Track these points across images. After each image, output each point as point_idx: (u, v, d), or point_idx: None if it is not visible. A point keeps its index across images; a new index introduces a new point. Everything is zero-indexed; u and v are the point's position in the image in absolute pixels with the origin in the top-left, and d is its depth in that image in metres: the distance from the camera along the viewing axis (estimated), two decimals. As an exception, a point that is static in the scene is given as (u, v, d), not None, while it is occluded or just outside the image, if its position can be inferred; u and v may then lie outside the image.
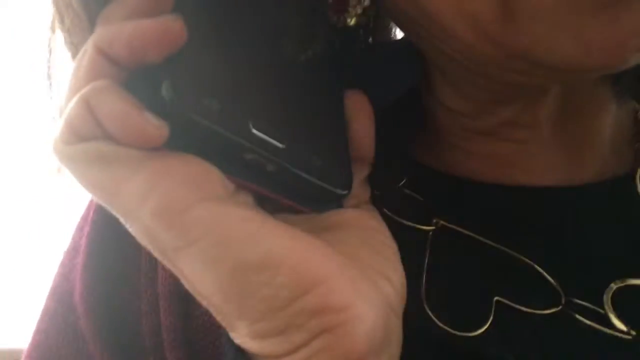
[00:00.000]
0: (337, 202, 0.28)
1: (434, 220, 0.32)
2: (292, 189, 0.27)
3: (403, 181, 0.34)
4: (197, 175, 0.23)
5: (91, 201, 0.37)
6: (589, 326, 0.29)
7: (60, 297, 0.35)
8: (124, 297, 0.33)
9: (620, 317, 0.29)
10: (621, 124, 0.34)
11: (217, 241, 0.22)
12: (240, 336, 0.24)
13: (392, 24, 0.38)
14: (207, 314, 0.31)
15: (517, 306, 0.30)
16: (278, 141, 0.25)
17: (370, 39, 0.37)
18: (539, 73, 0.26)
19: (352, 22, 0.31)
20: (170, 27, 0.23)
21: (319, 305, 0.23)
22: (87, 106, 0.23)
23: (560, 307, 0.30)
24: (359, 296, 0.23)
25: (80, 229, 0.36)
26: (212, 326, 0.31)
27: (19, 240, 1.16)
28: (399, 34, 0.39)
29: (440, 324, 0.30)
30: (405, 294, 0.26)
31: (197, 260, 0.23)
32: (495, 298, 0.30)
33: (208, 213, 0.23)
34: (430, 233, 0.32)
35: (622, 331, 0.29)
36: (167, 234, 0.22)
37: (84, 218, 0.36)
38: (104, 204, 0.24)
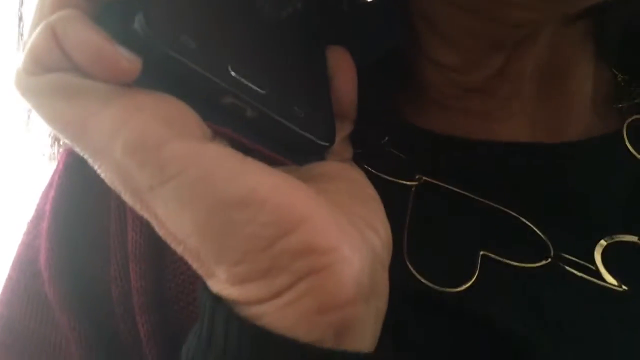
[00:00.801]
0: (318, 154, 0.27)
1: (417, 176, 0.31)
2: (272, 139, 0.25)
3: (385, 138, 0.33)
4: (173, 113, 0.22)
5: (57, 167, 0.35)
6: (580, 279, 0.29)
7: (23, 266, 0.33)
8: (91, 261, 0.32)
9: (611, 273, 0.29)
10: (602, 86, 0.34)
11: (195, 178, 0.21)
12: (219, 283, 0.22)
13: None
14: (181, 274, 0.30)
15: (504, 260, 0.29)
16: (258, 87, 0.24)
17: None
18: (539, 4, 0.25)
19: None
20: None
21: (304, 245, 0.21)
22: (53, 35, 0.21)
23: (549, 261, 0.29)
24: (345, 239, 0.22)
25: (45, 195, 0.35)
26: (187, 288, 0.30)
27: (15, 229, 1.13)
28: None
29: (423, 280, 0.29)
30: (391, 246, 0.25)
31: (173, 199, 0.21)
32: (481, 252, 0.29)
33: (185, 149, 0.21)
34: (413, 188, 0.31)
35: (613, 285, 0.28)
36: (140, 171, 0.21)
37: (49, 184, 0.35)
38: (71, 141, 0.22)
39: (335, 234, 0.22)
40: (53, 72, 0.21)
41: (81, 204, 0.33)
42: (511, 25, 0.28)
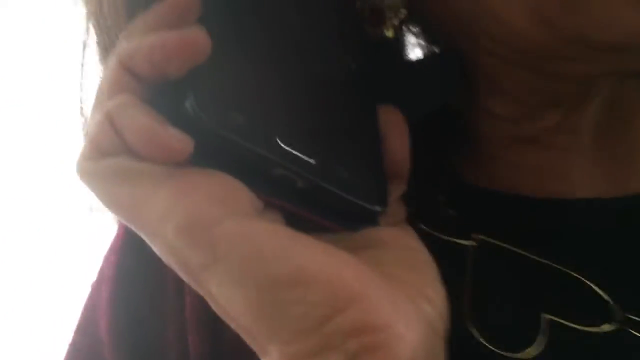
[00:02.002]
0: (372, 220, 0.27)
1: (473, 235, 0.31)
2: (324, 207, 0.25)
3: (440, 196, 0.32)
4: (223, 191, 0.22)
5: (118, 232, 0.36)
6: None
7: (85, 329, 0.34)
8: (150, 326, 0.32)
9: None
10: None
11: (246, 257, 0.21)
12: (272, 359, 0.22)
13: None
14: (237, 339, 0.30)
15: (569, 323, 0.28)
16: (308, 156, 0.24)
17: (405, 53, 0.35)
18: (596, 58, 0.24)
19: (389, 34, 0.30)
20: (193, 39, 0.22)
21: (356, 324, 0.21)
22: (110, 121, 0.22)
23: (617, 324, 0.28)
24: (398, 315, 0.22)
25: (106, 259, 0.36)
26: (243, 352, 0.30)
27: (54, 277, 1.17)
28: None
29: (486, 344, 0.28)
30: (447, 314, 0.25)
31: (224, 278, 0.21)
32: (545, 315, 0.28)
33: (235, 228, 0.21)
34: (471, 248, 0.30)
35: None
36: (192, 252, 0.21)
37: (111, 249, 0.36)
38: (127, 223, 0.23)
39: (388, 311, 0.22)
40: (110, 156, 0.22)
41: (141, 269, 0.33)
42: (569, 80, 0.28)
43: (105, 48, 0.29)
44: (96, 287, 0.35)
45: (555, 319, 0.28)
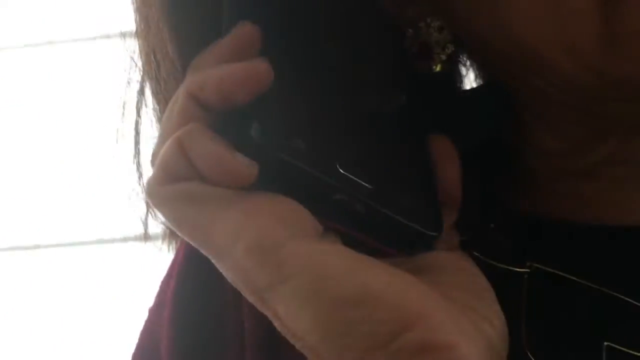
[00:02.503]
0: (427, 245, 0.27)
1: (528, 264, 0.31)
2: (380, 231, 0.26)
3: (491, 224, 0.32)
4: (288, 213, 0.23)
5: (176, 257, 0.37)
6: None
7: (146, 353, 0.35)
8: (210, 351, 0.33)
9: None
10: None
11: (313, 277, 0.22)
12: None
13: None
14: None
15: (631, 351, 0.28)
16: (366, 182, 0.25)
17: (454, 86, 0.36)
18: None
19: (437, 68, 0.31)
20: (258, 70, 0.24)
21: (422, 342, 0.21)
22: (181, 148, 0.23)
23: None
24: (463, 336, 0.22)
25: (165, 284, 0.37)
26: None
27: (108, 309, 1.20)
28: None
29: None
30: (507, 339, 0.25)
31: (292, 297, 0.22)
32: (606, 343, 0.28)
33: (302, 249, 0.22)
34: (525, 275, 0.31)
35: None
36: (260, 271, 0.22)
37: (169, 274, 0.37)
38: (196, 244, 0.24)
39: (453, 330, 0.22)
40: (181, 181, 0.24)
41: (200, 295, 0.34)
42: (616, 117, 0.28)
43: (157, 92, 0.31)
44: (155, 311, 0.36)
45: (616, 346, 0.28)
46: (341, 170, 0.25)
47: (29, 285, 1.39)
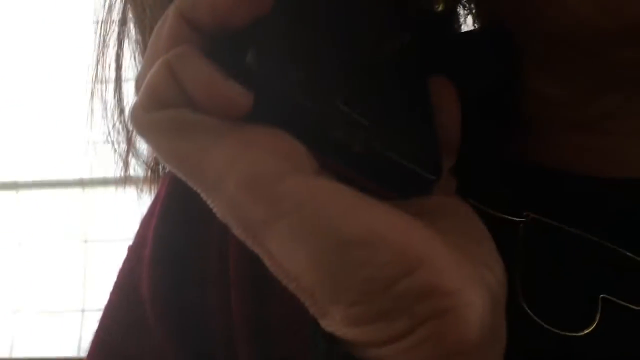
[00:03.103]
0: (424, 189, 0.26)
1: (525, 213, 0.30)
2: (378, 173, 0.25)
3: (489, 171, 0.31)
4: (286, 147, 0.22)
5: (158, 195, 0.36)
6: None
7: (125, 292, 0.34)
8: (192, 289, 0.32)
9: None
10: None
11: (312, 214, 0.20)
12: (334, 323, 0.21)
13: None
14: (285, 302, 0.29)
15: (624, 303, 0.27)
16: (366, 121, 0.24)
17: (455, 27, 0.35)
18: None
19: (439, 7, 0.29)
20: None
21: (426, 286, 0.20)
22: (170, 71, 0.22)
23: None
24: (466, 281, 0.21)
25: (146, 222, 0.35)
26: (293, 316, 0.29)
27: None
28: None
29: (539, 321, 0.27)
30: (506, 287, 0.24)
31: (288, 235, 0.21)
32: (602, 295, 0.27)
33: (300, 185, 0.21)
34: (521, 225, 0.30)
35: None
36: (255, 207, 0.21)
37: (150, 212, 0.35)
38: (183, 176, 0.22)
39: (457, 275, 0.21)
40: (169, 108, 0.22)
41: (182, 233, 0.33)
42: (633, 65, 0.27)
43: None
44: (135, 250, 0.35)
45: (611, 298, 0.27)
46: (341, 106, 0.23)
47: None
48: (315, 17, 0.26)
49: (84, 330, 1.46)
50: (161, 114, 0.22)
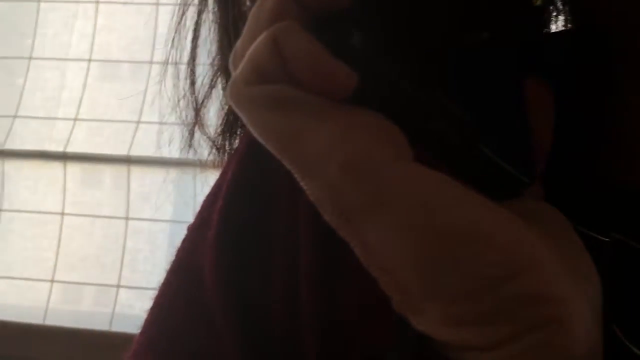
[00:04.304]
0: (516, 192, 0.25)
1: (611, 234, 0.29)
2: (471, 170, 0.24)
3: (575, 188, 0.30)
4: (388, 133, 0.21)
5: (222, 177, 0.35)
6: None
7: (184, 272, 0.34)
8: (256, 274, 0.31)
9: None
10: None
11: (418, 205, 0.19)
12: (428, 321, 0.20)
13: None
14: (361, 296, 0.28)
15: None
16: (465, 114, 0.23)
17: (556, 24, 0.33)
18: None
19: (537, 1, 0.28)
20: None
21: (535, 291, 0.19)
22: (275, 46, 0.21)
23: None
24: (574, 290, 0.20)
25: (209, 204, 0.35)
26: (370, 310, 0.28)
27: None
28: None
29: (629, 345, 0.26)
30: (602, 302, 0.23)
31: (389, 225, 0.20)
32: None
33: (406, 172, 0.20)
34: (607, 244, 0.28)
35: None
36: (356, 192, 0.20)
37: (214, 194, 0.35)
38: (280, 154, 0.21)
39: (567, 283, 0.20)
40: (270, 83, 0.21)
41: (249, 218, 0.33)
42: None
43: None
44: (197, 230, 0.34)
45: None
46: (442, 98, 0.22)
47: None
48: (413, 12, 0.25)
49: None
50: (262, 89, 0.21)
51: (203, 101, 0.40)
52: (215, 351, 0.31)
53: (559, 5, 0.33)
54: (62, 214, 1.49)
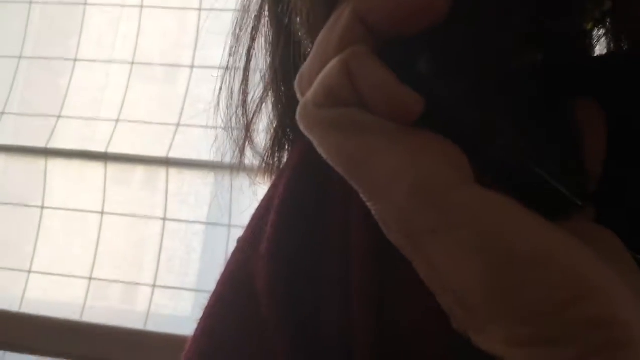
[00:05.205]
0: (569, 214, 0.26)
1: None
2: (526, 191, 0.24)
3: (627, 210, 0.30)
4: (455, 157, 0.22)
5: (275, 190, 0.35)
6: None
7: (238, 284, 0.34)
8: (310, 290, 0.32)
9: None
10: None
11: (486, 229, 0.20)
12: (491, 340, 0.21)
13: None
14: (416, 314, 0.29)
15: None
16: (521, 137, 0.24)
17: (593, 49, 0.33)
18: None
19: (589, 26, 0.28)
20: (435, 2, 0.22)
21: (601, 315, 0.20)
22: (347, 70, 0.22)
23: None
24: (637, 312, 0.20)
25: (260, 215, 0.35)
26: (424, 328, 0.29)
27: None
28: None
29: None
30: None
31: (457, 247, 0.20)
32: None
33: (474, 196, 0.21)
34: None
35: None
36: (424, 215, 0.21)
37: (266, 207, 0.35)
38: (349, 176, 0.22)
39: (630, 305, 0.20)
40: (341, 107, 0.22)
41: (302, 232, 0.33)
42: None
43: None
44: (249, 243, 0.35)
45: None
46: (498, 120, 0.23)
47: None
48: (474, 30, 0.25)
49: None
50: (334, 111, 0.22)
51: (253, 117, 0.40)
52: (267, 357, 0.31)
53: (609, 26, 0.34)
54: (102, 212, 1.52)
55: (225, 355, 0.33)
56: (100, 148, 1.54)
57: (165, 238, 1.54)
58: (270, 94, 0.39)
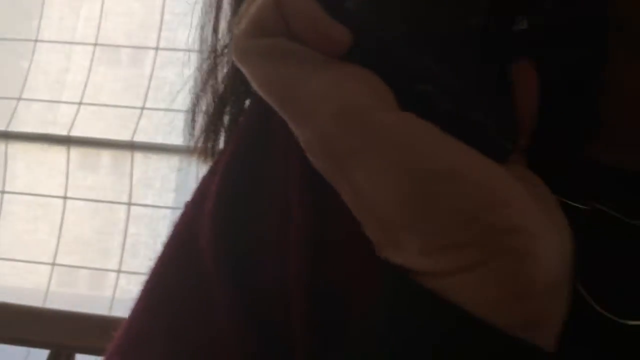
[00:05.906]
0: (499, 158, 0.26)
1: (589, 202, 0.29)
2: (456, 133, 0.25)
3: (558, 165, 0.30)
4: (377, 86, 0.22)
5: (221, 156, 0.36)
6: None
7: (181, 242, 0.34)
8: (251, 243, 0.32)
9: None
10: None
11: (402, 146, 0.21)
12: (406, 252, 0.22)
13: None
14: (348, 257, 0.30)
15: None
16: (454, 82, 0.24)
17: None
18: None
19: None
20: None
21: (508, 223, 0.21)
22: (277, 2, 0.23)
23: None
24: (547, 226, 0.21)
25: (206, 180, 0.36)
26: (353, 273, 0.29)
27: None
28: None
29: (596, 306, 0.26)
30: (573, 258, 0.24)
31: (376, 165, 0.21)
32: None
33: (392, 118, 0.22)
34: (584, 212, 0.28)
35: None
36: (346, 136, 0.21)
37: (212, 171, 0.36)
38: (277, 104, 0.23)
39: (539, 219, 0.21)
40: (270, 37, 0.23)
41: (245, 189, 0.33)
42: None
43: None
44: (194, 204, 0.35)
45: None
46: (432, 63, 0.24)
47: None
48: None
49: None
50: (261, 41, 0.23)
51: (221, 97, 0.40)
52: (212, 319, 0.32)
53: None
54: (65, 197, 1.50)
55: (169, 310, 0.33)
56: (62, 131, 1.51)
57: (130, 223, 1.53)
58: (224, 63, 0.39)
